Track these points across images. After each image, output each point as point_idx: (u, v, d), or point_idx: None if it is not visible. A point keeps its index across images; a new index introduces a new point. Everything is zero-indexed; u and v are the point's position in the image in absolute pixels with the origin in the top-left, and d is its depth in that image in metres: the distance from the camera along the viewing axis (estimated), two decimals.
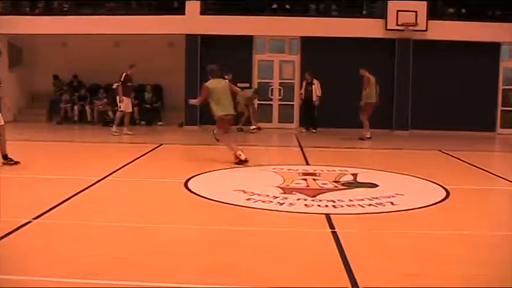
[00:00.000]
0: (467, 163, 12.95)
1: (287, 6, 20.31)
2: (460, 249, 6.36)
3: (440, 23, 19.53)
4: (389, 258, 5.92)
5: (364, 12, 20.51)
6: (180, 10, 19.72)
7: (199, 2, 19.66)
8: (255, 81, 20.05)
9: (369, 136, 16.97)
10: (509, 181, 10.80)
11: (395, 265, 5.70)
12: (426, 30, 19.36)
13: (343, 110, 19.15)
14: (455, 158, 13.74)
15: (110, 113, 19.50)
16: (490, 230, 7.32)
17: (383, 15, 19.48)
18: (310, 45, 19.69)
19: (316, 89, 18.76)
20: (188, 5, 19.58)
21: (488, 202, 9.60)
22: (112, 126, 17.13)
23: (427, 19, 19.35)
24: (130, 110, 17.37)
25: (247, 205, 8.06)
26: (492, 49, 20.03)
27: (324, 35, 19.28)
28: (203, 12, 19.73)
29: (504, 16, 20.05)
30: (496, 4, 20.38)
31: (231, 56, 19.54)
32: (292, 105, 20.22)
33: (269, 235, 6.75)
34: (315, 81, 18.84)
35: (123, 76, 16.50)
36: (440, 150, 14.88)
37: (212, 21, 19.60)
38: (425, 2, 19.37)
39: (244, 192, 8.82)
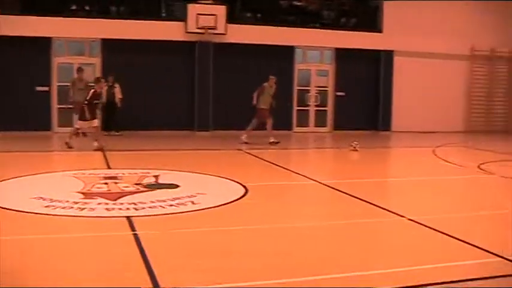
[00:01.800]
0: (266, 161, 13.55)
1: (87, 7, 19.88)
2: (260, 242, 6.70)
3: (238, 27, 20.23)
4: (191, 256, 6.07)
5: (163, 15, 20.64)
6: None
7: None
8: (55, 84, 19.39)
9: None
10: (305, 176, 11.50)
11: (196, 262, 5.85)
12: (225, 33, 19.94)
13: (146, 113, 19.25)
14: (255, 156, 14.33)
15: None
16: (288, 223, 7.74)
17: (183, 18, 19.75)
18: (111, 48, 19.45)
19: (118, 92, 18.63)
20: None
21: (285, 197, 10.11)
22: None
23: (226, 23, 19.94)
24: None
25: (46, 212, 7.81)
26: (287, 52, 21.13)
27: (124, 37, 19.15)
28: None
29: (297, 21, 21.26)
30: (290, 10, 21.55)
31: (29, 58, 18.81)
32: None
33: (70, 241, 6.61)
34: (116, 84, 18.68)
35: None
36: (241, 150, 15.43)
37: (7, 22, 18.64)
38: (224, 6, 19.95)
39: (43, 199, 8.53)
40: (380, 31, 22.19)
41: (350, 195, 9.60)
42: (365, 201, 9.12)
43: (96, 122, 15.27)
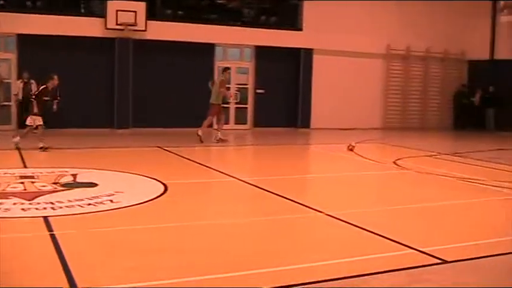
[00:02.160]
0: (187, 158, 13.53)
1: (1, 1, 19.25)
2: (179, 240, 6.71)
3: (159, 24, 20.08)
4: (109, 255, 6.04)
5: (82, 10, 20.24)
6: None
7: None
8: None
9: None
10: (225, 173, 11.56)
11: (115, 261, 5.82)
12: (145, 30, 19.75)
13: (64, 110, 18.81)
14: (175, 154, 14.28)
15: None
16: (208, 220, 7.78)
17: (102, 14, 19.44)
18: (27, 43, 18.92)
19: (34, 89, 18.16)
20: None
21: (205, 194, 10.13)
22: None
23: (146, 19, 19.75)
24: None
25: None
26: (207, 50, 21.14)
27: (41, 32, 18.68)
28: None
29: (218, 19, 21.28)
30: (210, 8, 21.54)
31: None
32: (9, 105, 19.24)
33: None
34: (32, 80, 18.21)
35: None
36: (160, 147, 15.34)
37: None
38: (143, 3, 19.75)
39: None
40: (300, 29, 22.49)
41: (270, 191, 9.73)
42: (284, 197, 9.26)
43: (40, 119, 14.64)
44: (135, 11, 19.56)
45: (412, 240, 6.81)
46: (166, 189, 9.51)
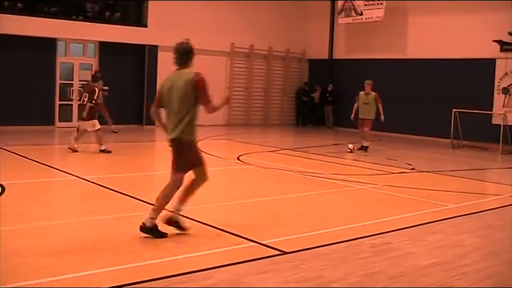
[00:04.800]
0: (25, 157, 13.03)
1: None
2: (16, 242, 6.47)
3: None
4: None
5: None
6: None
7: None
8: None
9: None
10: (66, 172, 11.29)
11: None
12: None
13: None
14: (13, 153, 13.70)
15: None
16: (48, 221, 7.58)
17: None
18: None
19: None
20: None
21: (45, 193, 9.85)
22: None
23: None
24: None
25: None
26: (49, 45, 20.43)
27: None
28: None
29: (60, 13, 20.62)
30: (52, 1, 20.79)
31: None
32: None
33: None
34: None
35: None
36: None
37: None
38: None
39: None
40: (145, 26, 22.35)
41: (114, 190, 9.62)
42: (129, 196, 9.22)
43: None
44: None
45: (253, 233, 7.06)
46: (3, 190, 9.13)
